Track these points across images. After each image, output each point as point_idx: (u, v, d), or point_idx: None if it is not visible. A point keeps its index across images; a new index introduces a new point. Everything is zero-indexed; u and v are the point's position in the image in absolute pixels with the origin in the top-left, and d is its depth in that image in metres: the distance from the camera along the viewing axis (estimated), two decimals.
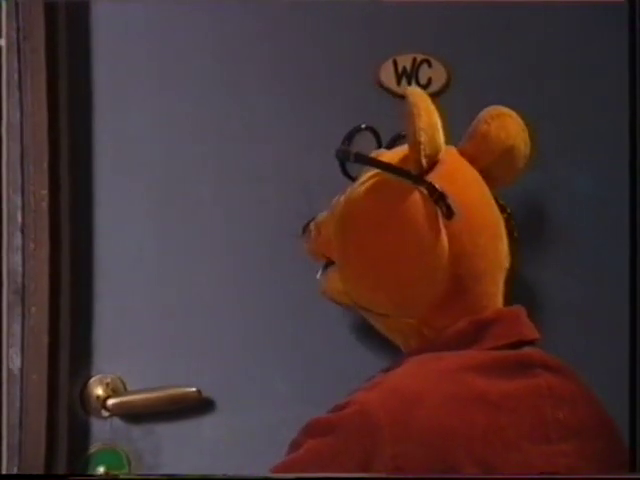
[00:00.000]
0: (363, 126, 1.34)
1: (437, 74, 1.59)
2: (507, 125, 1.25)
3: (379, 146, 1.36)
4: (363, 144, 1.35)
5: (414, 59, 1.58)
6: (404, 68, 1.57)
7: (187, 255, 1.54)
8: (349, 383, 1.47)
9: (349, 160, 1.30)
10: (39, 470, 1.40)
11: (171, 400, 1.51)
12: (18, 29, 1.38)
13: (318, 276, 1.34)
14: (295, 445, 1.15)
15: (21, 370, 1.40)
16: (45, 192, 1.39)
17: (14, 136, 1.39)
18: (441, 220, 1.21)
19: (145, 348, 1.54)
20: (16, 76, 1.39)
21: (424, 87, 1.57)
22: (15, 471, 1.40)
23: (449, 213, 1.20)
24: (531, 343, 1.24)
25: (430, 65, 1.58)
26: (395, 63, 1.58)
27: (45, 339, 1.40)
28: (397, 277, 1.24)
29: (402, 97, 1.47)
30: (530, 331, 1.25)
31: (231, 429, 1.56)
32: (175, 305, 1.54)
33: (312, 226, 1.36)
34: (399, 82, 1.58)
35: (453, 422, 1.12)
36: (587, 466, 1.20)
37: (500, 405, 1.16)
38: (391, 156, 1.29)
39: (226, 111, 1.55)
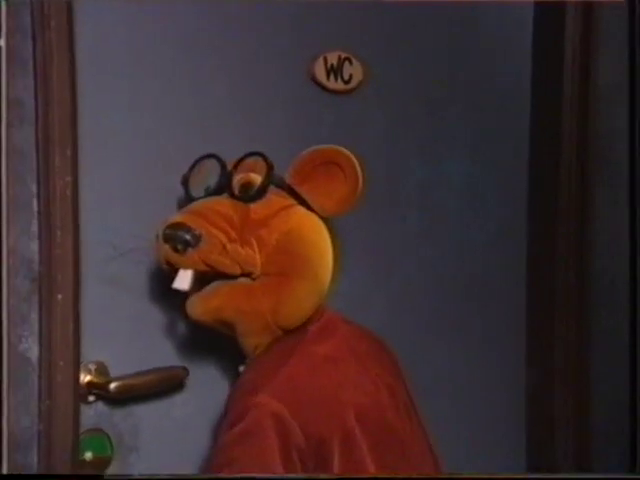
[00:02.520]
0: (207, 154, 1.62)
1: (356, 71, 1.90)
2: None
3: (223, 169, 1.62)
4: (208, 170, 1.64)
5: (339, 56, 1.88)
6: (332, 65, 1.87)
7: None
8: None
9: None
10: (67, 458, 1.52)
11: (163, 380, 1.68)
12: (32, 15, 1.48)
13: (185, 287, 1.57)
14: (224, 464, 1.43)
15: (39, 359, 1.50)
16: (69, 179, 1.50)
17: (29, 123, 1.49)
18: None
19: (122, 334, 1.68)
20: (31, 63, 1.48)
21: (346, 82, 1.88)
22: (36, 462, 1.50)
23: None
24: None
25: (351, 63, 1.89)
26: (325, 60, 1.86)
27: (70, 326, 1.51)
28: (321, 286, 1.61)
29: (331, 91, 1.81)
30: None
31: (198, 407, 1.76)
32: (148, 291, 1.71)
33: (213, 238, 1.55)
34: (328, 77, 1.87)
35: (326, 384, 1.52)
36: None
37: (337, 363, 1.57)
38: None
39: (183, 106, 1.75)
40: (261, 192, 1.58)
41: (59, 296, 1.50)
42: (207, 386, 1.77)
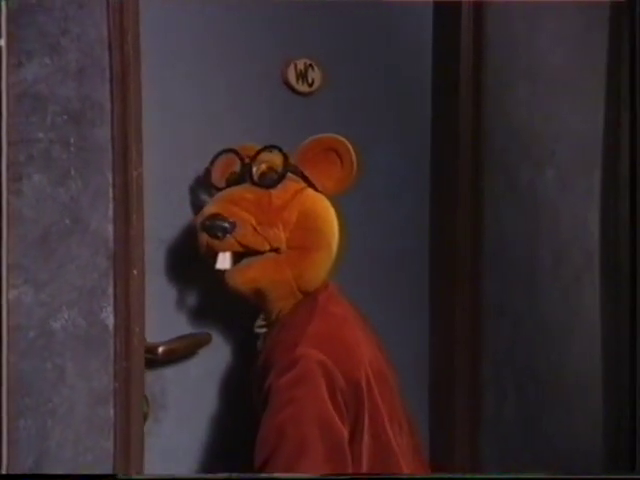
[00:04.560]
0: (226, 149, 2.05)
1: (317, 76, 2.32)
2: None
3: (242, 163, 2.04)
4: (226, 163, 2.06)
5: (305, 63, 2.29)
6: (300, 70, 2.28)
7: None
8: None
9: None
10: (140, 412, 1.86)
11: (196, 344, 2.05)
12: (109, 28, 1.80)
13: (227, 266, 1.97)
14: (285, 403, 1.84)
15: (115, 326, 1.83)
16: (141, 170, 1.84)
17: (105, 122, 1.81)
18: None
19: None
20: (108, 71, 1.81)
21: (310, 85, 2.30)
22: (112, 415, 1.83)
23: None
24: None
25: (313, 69, 2.31)
26: (295, 66, 2.28)
27: (143, 297, 1.85)
28: (333, 254, 2.05)
29: (299, 93, 2.24)
30: None
31: (208, 368, 2.13)
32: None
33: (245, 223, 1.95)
34: (297, 81, 2.28)
35: (350, 337, 1.98)
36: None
37: (351, 323, 2.03)
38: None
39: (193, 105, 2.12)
40: (280, 179, 1.98)
41: (134, 271, 1.83)
42: (212, 350, 2.14)
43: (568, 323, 2.94)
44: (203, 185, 2.07)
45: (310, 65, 2.30)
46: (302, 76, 2.29)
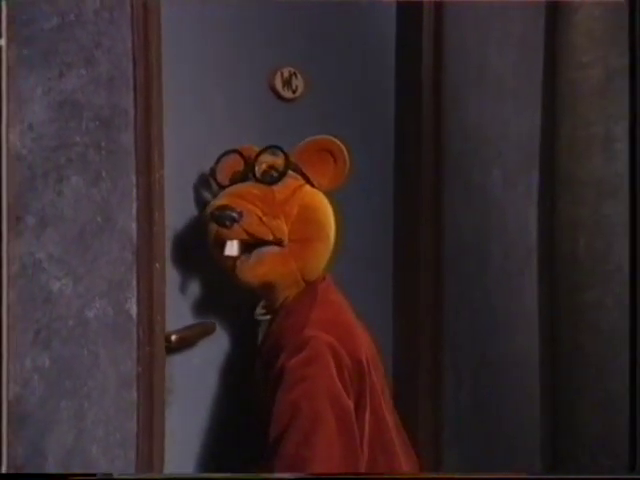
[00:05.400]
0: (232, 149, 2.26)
1: (300, 84, 2.53)
2: None
3: (245, 162, 2.26)
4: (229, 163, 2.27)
5: (289, 71, 2.50)
6: (286, 78, 2.49)
7: None
8: None
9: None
10: (162, 394, 2.04)
11: (202, 333, 2.23)
12: (133, 42, 1.99)
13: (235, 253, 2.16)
14: (298, 381, 2.06)
15: (138, 315, 2.01)
16: (163, 172, 2.03)
17: (128, 127, 1.99)
18: None
19: None
20: (132, 80, 1.99)
21: (294, 92, 2.51)
22: (136, 397, 2.02)
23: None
24: None
25: (296, 77, 2.52)
26: (282, 74, 2.48)
27: (164, 288, 2.04)
28: (332, 245, 2.27)
29: (284, 99, 2.45)
30: None
31: (207, 356, 2.32)
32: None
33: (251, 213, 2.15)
34: (283, 88, 2.49)
35: (349, 322, 2.22)
36: None
37: (347, 309, 2.28)
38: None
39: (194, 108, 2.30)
40: (282, 176, 2.20)
41: (156, 265, 2.02)
42: (216, 338, 2.34)
43: (513, 316, 3.21)
44: (207, 183, 2.26)
45: (294, 73, 2.51)
46: (287, 83, 2.49)
